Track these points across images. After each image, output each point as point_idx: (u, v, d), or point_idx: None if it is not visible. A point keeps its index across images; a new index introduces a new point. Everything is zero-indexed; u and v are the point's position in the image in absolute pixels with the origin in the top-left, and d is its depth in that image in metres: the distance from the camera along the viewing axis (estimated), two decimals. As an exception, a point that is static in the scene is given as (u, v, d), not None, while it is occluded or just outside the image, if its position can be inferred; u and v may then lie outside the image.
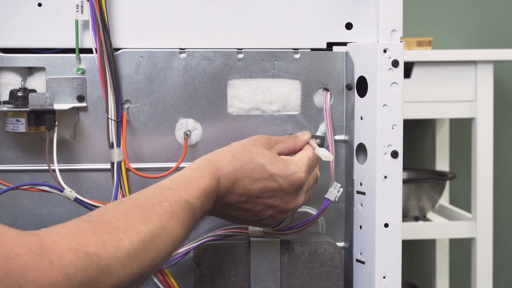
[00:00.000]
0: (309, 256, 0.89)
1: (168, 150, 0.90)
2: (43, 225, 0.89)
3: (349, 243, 0.93)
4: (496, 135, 2.35)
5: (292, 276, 0.88)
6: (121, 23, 0.88)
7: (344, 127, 0.93)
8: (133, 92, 0.89)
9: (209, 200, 0.76)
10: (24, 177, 0.89)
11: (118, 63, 0.88)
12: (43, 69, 0.88)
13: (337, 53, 0.92)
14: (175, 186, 0.73)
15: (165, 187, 0.73)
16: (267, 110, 0.92)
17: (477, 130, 2.02)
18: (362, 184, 0.90)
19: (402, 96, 0.87)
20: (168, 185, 0.73)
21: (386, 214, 0.87)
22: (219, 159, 0.80)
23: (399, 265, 0.88)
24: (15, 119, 0.84)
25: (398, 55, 0.86)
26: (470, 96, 2.01)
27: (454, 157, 2.38)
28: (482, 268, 2.03)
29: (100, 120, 0.89)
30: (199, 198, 0.74)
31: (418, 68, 1.99)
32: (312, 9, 0.91)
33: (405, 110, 1.87)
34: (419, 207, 2.09)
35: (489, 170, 2.03)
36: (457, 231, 2.05)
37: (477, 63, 2.00)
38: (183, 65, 0.89)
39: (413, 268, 2.43)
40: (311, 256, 0.89)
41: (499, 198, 2.41)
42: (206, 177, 0.76)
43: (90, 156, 0.89)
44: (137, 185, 0.90)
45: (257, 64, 0.91)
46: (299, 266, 0.88)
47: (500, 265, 2.44)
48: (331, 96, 0.92)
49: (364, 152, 0.89)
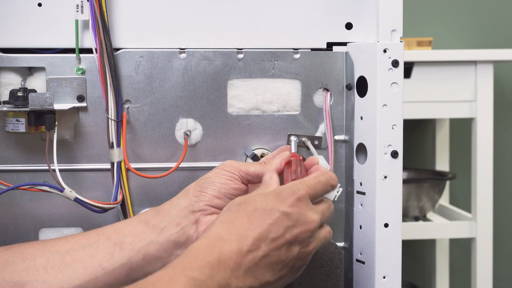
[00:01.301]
0: (309, 256, 0.89)
1: (168, 150, 0.90)
2: (43, 225, 0.89)
3: (349, 243, 0.93)
4: (496, 135, 2.35)
5: (292, 276, 0.88)
6: (121, 23, 0.88)
7: (344, 127, 0.93)
8: (133, 92, 0.89)
9: (220, 270, 0.66)
10: (24, 177, 0.89)
11: (118, 63, 0.88)
12: (43, 69, 0.88)
13: (337, 53, 0.92)
14: (167, 266, 0.66)
15: (157, 271, 0.65)
16: (267, 110, 0.92)
17: (477, 130, 2.02)
18: (362, 184, 0.90)
19: (402, 96, 0.87)
20: (160, 269, 0.67)
21: (386, 214, 0.87)
22: (210, 231, 0.71)
23: (399, 265, 0.88)
24: (15, 119, 0.84)
25: (398, 55, 0.86)
26: (470, 96, 2.01)
27: (454, 157, 2.38)
28: (482, 268, 2.03)
29: (100, 120, 0.89)
30: (201, 270, 0.65)
31: (418, 68, 1.99)
32: (312, 9, 0.91)
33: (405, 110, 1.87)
34: (419, 207, 2.09)
35: (489, 170, 2.03)
36: (457, 231, 2.06)
37: (477, 63, 2.00)
38: (183, 65, 0.89)
39: (413, 268, 2.43)
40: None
41: (499, 198, 2.41)
42: (202, 249, 0.68)
43: (90, 156, 0.89)
44: (137, 185, 0.90)
45: (257, 64, 0.91)
46: (299, 266, 0.88)
47: (500, 265, 2.44)
48: (331, 96, 0.93)
49: (364, 152, 0.89)
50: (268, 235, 0.71)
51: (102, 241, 0.76)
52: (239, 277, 0.68)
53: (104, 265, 0.75)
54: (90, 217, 0.90)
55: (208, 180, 0.79)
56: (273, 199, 0.73)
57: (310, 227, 0.73)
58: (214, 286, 0.65)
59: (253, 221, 0.71)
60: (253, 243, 0.70)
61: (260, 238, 0.70)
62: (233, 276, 0.67)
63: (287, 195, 0.73)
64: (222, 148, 0.91)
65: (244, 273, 0.68)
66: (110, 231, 0.77)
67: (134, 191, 0.90)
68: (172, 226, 0.77)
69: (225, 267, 0.67)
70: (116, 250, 0.75)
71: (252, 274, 0.69)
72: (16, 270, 0.74)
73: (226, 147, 0.91)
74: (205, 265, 0.65)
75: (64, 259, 0.75)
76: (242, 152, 0.91)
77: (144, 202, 0.90)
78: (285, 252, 0.72)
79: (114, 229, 0.78)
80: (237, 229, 0.70)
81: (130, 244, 0.76)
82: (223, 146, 0.91)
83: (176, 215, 0.77)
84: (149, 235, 0.76)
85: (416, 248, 2.42)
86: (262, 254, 0.70)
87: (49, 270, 0.74)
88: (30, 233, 0.89)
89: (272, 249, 0.71)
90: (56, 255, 0.75)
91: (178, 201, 0.78)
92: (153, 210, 0.79)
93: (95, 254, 0.75)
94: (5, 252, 0.76)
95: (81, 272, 0.74)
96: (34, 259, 0.75)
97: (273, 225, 0.71)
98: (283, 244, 0.72)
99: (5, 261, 0.75)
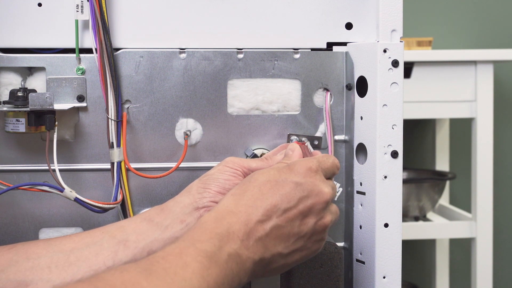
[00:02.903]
0: (309, 256, 0.89)
1: (168, 150, 0.90)
2: (43, 225, 0.89)
3: (349, 243, 0.93)
4: (496, 135, 2.35)
5: (292, 276, 0.88)
6: (121, 23, 0.88)
7: (344, 127, 0.93)
8: (133, 92, 0.89)
9: (230, 240, 0.66)
10: (24, 177, 0.89)
11: (118, 63, 0.88)
12: (43, 69, 0.88)
13: (337, 53, 0.92)
14: (177, 240, 0.65)
15: (167, 245, 0.65)
16: (267, 110, 0.92)
17: (477, 130, 2.02)
18: (362, 184, 0.90)
19: (402, 96, 0.87)
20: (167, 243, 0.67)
21: (386, 214, 0.87)
22: (219, 204, 0.71)
23: (399, 265, 0.88)
24: (15, 119, 0.84)
25: (398, 55, 0.86)
26: (470, 96, 2.01)
27: (454, 157, 2.38)
28: (482, 268, 2.03)
29: (100, 120, 0.89)
30: (210, 242, 0.64)
31: (418, 68, 1.99)
32: (312, 9, 0.91)
33: (405, 110, 1.87)
34: (419, 207, 2.09)
35: (489, 170, 2.03)
36: (457, 231, 2.06)
37: (477, 63, 2.00)
38: (183, 65, 0.89)
39: (413, 268, 2.43)
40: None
41: (499, 198, 2.41)
42: (211, 221, 0.67)
43: (90, 156, 0.89)
44: (137, 185, 0.90)
45: (257, 64, 0.91)
46: (299, 266, 0.88)
47: (500, 265, 2.44)
48: (331, 96, 0.93)
49: (364, 152, 0.89)
50: (280, 206, 0.70)
51: (106, 239, 0.76)
52: (249, 247, 0.67)
53: (108, 263, 0.74)
54: (90, 217, 0.90)
55: (211, 176, 0.79)
56: (286, 171, 0.73)
57: (325, 198, 0.73)
58: (223, 256, 0.64)
59: (265, 192, 0.71)
60: (264, 214, 0.69)
61: (271, 208, 0.70)
62: (243, 246, 0.67)
63: (300, 166, 0.74)
64: (222, 148, 0.91)
65: (255, 243, 0.68)
66: (114, 229, 0.77)
67: (134, 191, 0.90)
68: (177, 223, 0.76)
69: (234, 237, 0.66)
70: (120, 248, 0.75)
71: (263, 245, 0.69)
72: (20, 269, 0.74)
73: (226, 147, 0.91)
74: (214, 236, 0.65)
75: (69, 258, 0.75)
76: (242, 152, 0.91)
77: (144, 202, 0.90)
78: (299, 224, 0.71)
79: (118, 227, 0.77)
80: (247, 200, 0.70)
81: (134, 242, 0.76)
82: (223, 146, 0.91)
83: (180, 212, 0.77)
84: (154, 233, 0.76)
85: (416, 248, 2.42)
86: (273, 225, 0.70)
87: (53, 269, 0.74)
88: (30, 233, 0.89)
89: (285, 220, 0.70)
90: (60, 254, 0.75)
91: (181, 199, 0.78)
92: (157, 208, 0.79)
93: (99, 252, 0.75)
94: (9, 251, 0.76)
95: (86, 271, 0.74)
96: (39, 258, 0.75)
97: (285, 195, 0.71)
98: (297, 215, 0.71)
99: (9, 260, 0.74)
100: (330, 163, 0.78)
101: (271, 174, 0.73)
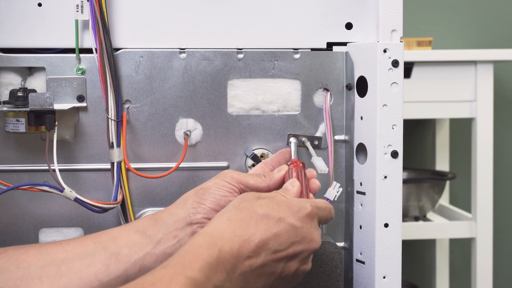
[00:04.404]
0: (309, 256, 0.89)
1: (168, 150, 0.90)
2: (43, 225, 0.89)
3: (349, 243, 0.93)
4: (496, 135, 2.35)
5: (292, 276, 0.88)
6: (121, 23, 0.88)
7: (344, 127, 0.93)
8: (133, 92, 0.89)
9: (217, 272, 0.66)
10: (24, 177, 0.89)
11: (118, 63, 0.88)
12: (43, 69, 0.88)
13: (337, 53, 0.92)
14: (167, 264, 0.65)
15: (157, 269, 0.65)
16: (267, 110, 0.92)
17: (477, 130, 2.02)
18: (362, 184, 0.90)
19: (402, 96, 0.87)
20: (160, 265, 0.66)
21: (386, 214, 0.87)
22: (214, 227, 0.71)
23: (399, 265, 0.88)
24: (15, 119, 0.84)
25: (398, 55, 0.86)
26: (470, 96, 2.01)
27: (454, 157, 2.38)
28: (482, 268, 2.03)
29: (100, 120, 0.89)
30: (201, 271, 0.64)
31: (418, 68, 1.99)
32: (312, 9, 0.91)
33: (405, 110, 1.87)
34: (419, 207, 2.09)
35: (489, 170, 2.03)
36: (457, 231, 2.06)
37: (477, 63, 2.00)
38: (183, 65, 0.89)
39: (413, 268, 2.43)
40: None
41: (499, 198, 2.41)
42: (204, 247, 0.67)
43: (90, 156, 0.89)
44: (137, 185, 0.90)
45: (257, 64, 0.91)
46: (299, 266, 0.88)
47: (500, 265, 2.44)
48: (331, 96, 0.93)
49: (364, 152, 0.89)
50: (272, 246, 0.71)
51: (98, 251, 0.75)
52: (232, 280, 0.68)
53: (99, 276, 0.74)
54: (90, 217, 0.90)
55: (207, 191, 0.78)
56: (285, 209, 0.73)
57: (314, 246, 0.74)
58: (210, 287, 0.65)
59: (260, 227, 0.71)
60: (254, 250, 0.70)
61: (262, 246, 0.70)
62: (228, 279, 0.67)
63: (300, 209, 0.74)
64: (222, 148, 0.91)
65: (238, 277, 0.68)
66: (107, 239, 0.77)
67: (134, 191, 0.90)
68: (169, 238, 0.76)
69: (221, 269, 0.67)
70: (112, 261, 0.75)
71: (245, 279, 0.69)
72: (11, 278, 0.73)
73: (226, 147, 0.91)
74: (205, 266, 0.65)
75: (60, 268, 0.74)
76: (242, 152, 0.91)
77: (144, 202, 0.90)
78: (283, 266, 0.72)
79: (110, 237, 0.77)
80: (241, 231, 0.70)
81: (126, 256, 0.75)
82: (223, 146, 0.91)
83: (173, 227, 0.77)
84: (146, 247, 0.76)
85: (416, 248, 2.42)
86: (260, 263, 0.70)
87: (44, 279, 0.73)
88: (30, 233, 0.89)
89: (272, 260, 0.71)
90: (51, 264, 0.75)
91: (176, 211, 0.78)
92: (150, 218, 0.78)
93: (90, 264, 0.75)
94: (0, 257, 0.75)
95: (77, 282, 0.74)
96: (29, 267, 0.74)
97: (278, 236, 0.71)
98: (284, 257, 0.72)
99: (0, 267, 0.74)
100: (327, 213, 0.78)
101: (269, 208, 0.73)
